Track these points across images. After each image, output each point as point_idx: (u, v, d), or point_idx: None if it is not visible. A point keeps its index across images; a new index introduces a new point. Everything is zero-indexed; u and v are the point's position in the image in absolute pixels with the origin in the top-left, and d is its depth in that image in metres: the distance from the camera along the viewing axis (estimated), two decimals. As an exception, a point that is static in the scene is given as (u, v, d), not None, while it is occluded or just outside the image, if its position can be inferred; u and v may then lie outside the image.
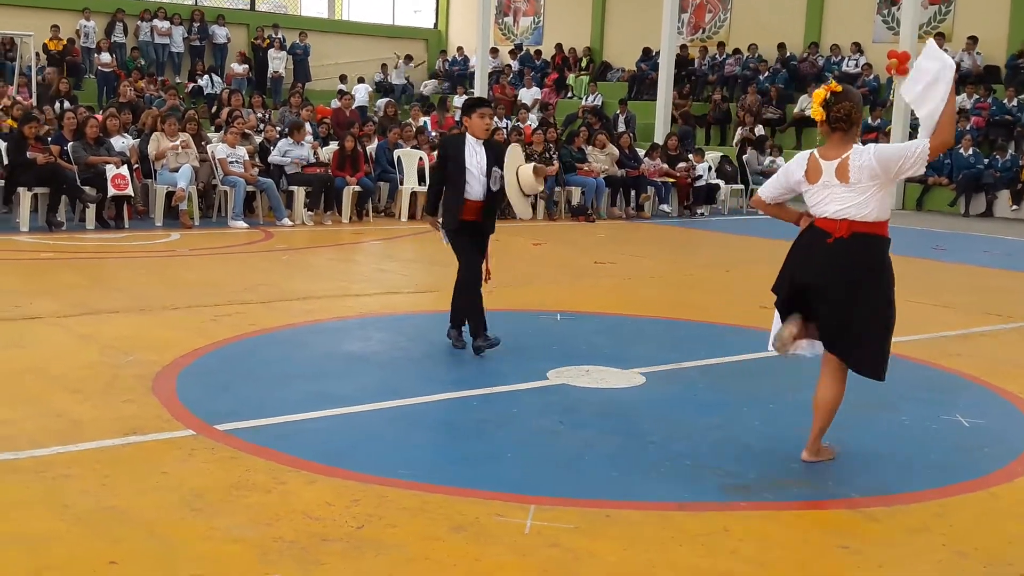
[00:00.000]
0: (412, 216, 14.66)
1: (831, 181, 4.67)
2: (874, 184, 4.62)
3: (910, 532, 4.05)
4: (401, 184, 14.88)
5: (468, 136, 6.59)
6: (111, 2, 23.90)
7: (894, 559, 3.78)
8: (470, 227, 6.62)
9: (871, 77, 21.62)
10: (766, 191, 5.04)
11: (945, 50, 21.40)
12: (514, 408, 5.54)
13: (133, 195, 12.80)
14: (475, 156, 6.54)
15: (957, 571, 3.69)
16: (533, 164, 6.77)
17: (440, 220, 6.76)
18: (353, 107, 20.25)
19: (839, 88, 4.62)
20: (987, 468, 4.84)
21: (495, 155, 6.61)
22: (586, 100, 23.85)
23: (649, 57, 24.55)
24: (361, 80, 24.48)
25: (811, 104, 4.79)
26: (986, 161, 18.44)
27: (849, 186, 4.63)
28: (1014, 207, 18.03)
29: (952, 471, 4.80)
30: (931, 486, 4.57)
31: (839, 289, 4.66)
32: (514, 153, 6.74)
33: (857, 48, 22.41)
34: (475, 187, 6.54)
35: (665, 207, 16.85)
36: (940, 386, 6.36)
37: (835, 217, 4.68)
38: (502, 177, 6.56)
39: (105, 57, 22.27)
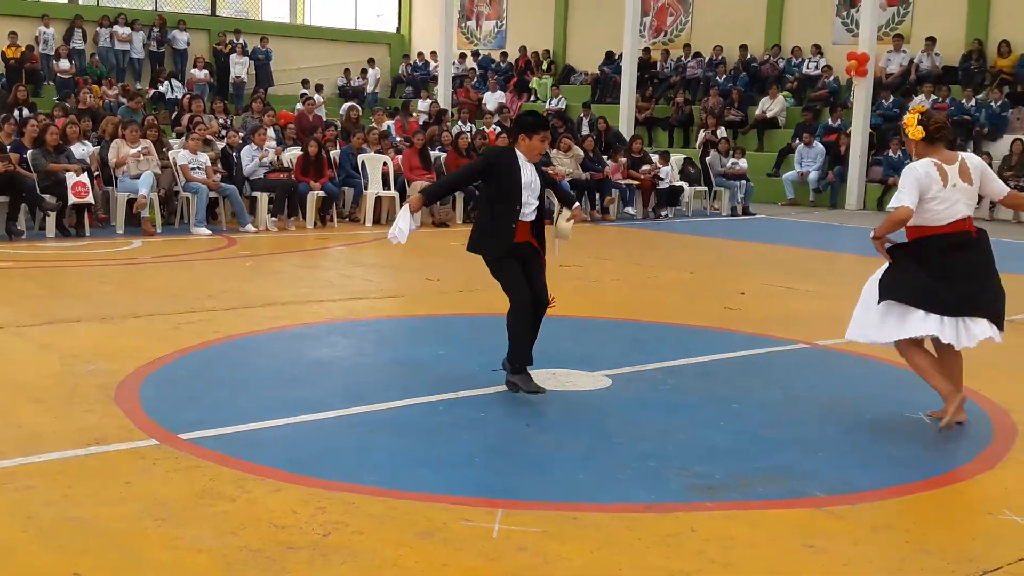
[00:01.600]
0: (377, 221, 14.62)
1: (958, 184, 5.30)
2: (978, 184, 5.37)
3: (874, 530, 4.09)
4: (365, 189, 14.83)
5: (519, 153, 5.92)
6: (70, 8, 23.67)
7: (858, 557, 3.81)
8: (520, 248, 5.99)
9: (831, 79, 21.81)
10: (911, 200, 5.27)
11: (903, 51, 21.50)
12: (481, 412, 5.53)
13: (94, 203, 12.69)
14: (530, 175, 5.95)
15: (920, 568, 3.72)
16: (569, 214, 6.29)
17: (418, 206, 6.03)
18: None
19: (924, 108, 5.47)
20: (950, 465, 4.90)
21: (543, 176, 6.11)
22: (549, 103, 23.90)
23: (612, 60, 24.64)
24: (319, 88, 24.32)
25: (906, 129, 5.45)
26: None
27: (972, 186, 5.33)
28: (973, 206, 18.23)
29: (916, 468, 4.84)
30: (895, 483, 4.61)
31: (987, 275, 5.40)
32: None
33: (817, 50, 22.61)
34: (529, 208, 5.97)
35: (630, 210, 16.92)
36: (902, 384, 6.41)
37: (964, 217, 5.32)
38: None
39: (64, 64, 22.05)
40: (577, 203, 6.44)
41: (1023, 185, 17.75)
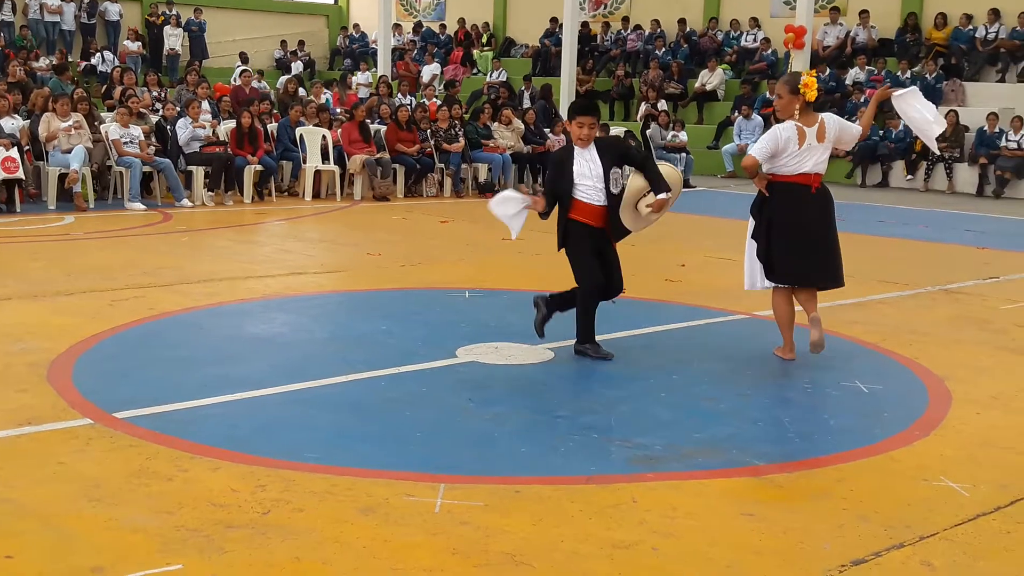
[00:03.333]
0: (317, 195, 14.47)
1: (813, 143, 6.08)
2: (831, 144, 6.18)
3: (812, 498, 4.14)
4: (304, 163, 14.66)
5: (575, 146, 6.08)
6: (-3, -21, 22.99)
7: (797, 524, 3.85)
8: (596, 233, 6.11)
9: (769, 52, 21.97)
10: (762, 154, 6.11)
11: (840, 24, 21.79)
12: (423, 387, 5.50)
13: (24, 178, 12.37)
14: (585, 163, 6.03)
15: (858, 534, 3.77)
16: (651, 199, 6.14)
17: (542, 208, 6.22)
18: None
19: (815, 76, 6.13)
20: (886, 433, 4.97)
21: (612, 156, 6.11)
22: (490, 76, 23.78)
23: (552, 33, 24.57)
24: (244, 58, 23.87)
25: (808, 90, 6.03)
26: (881, 133, 18.89)
27: (824, 145, 6.13)
28: (908, 177, 18.52)
29: (852, 436, 4.91)
30: (832, 452, 4.67)
31: (822, 227, 6.21)
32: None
33: (755, 23, 22.74)
34: (593, 194, 6.04)
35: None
36: (839, 353, 6.50)
37: (811, 171, 6.13)
38: (624, 178, 6.12)
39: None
40: (667, 193, 6.09)
41: (956, 156, 18.10)
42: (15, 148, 12.08)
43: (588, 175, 6.06)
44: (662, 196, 6.06)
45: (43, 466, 4.19)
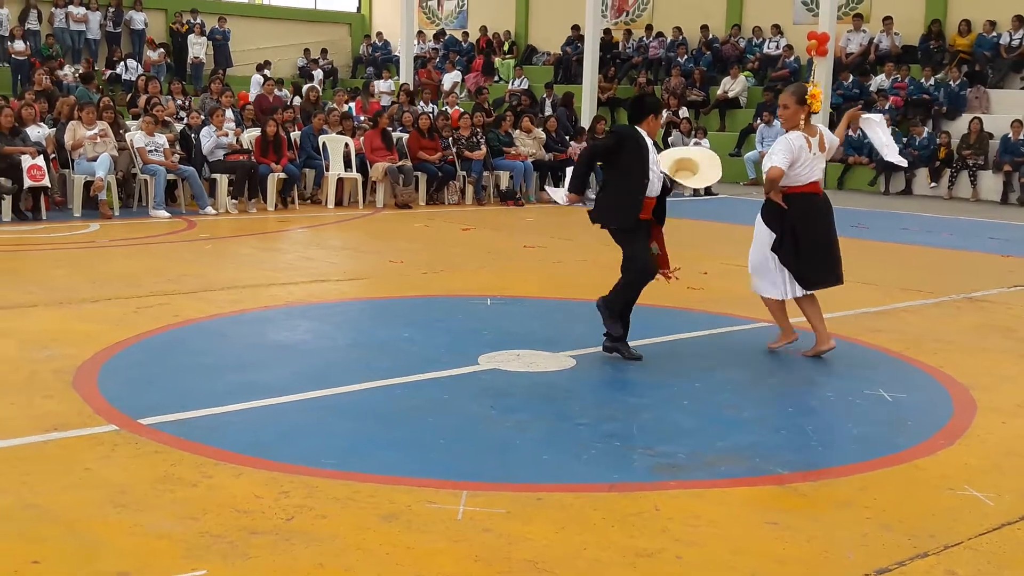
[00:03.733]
0: (339, 203, 14.53)
1: (817, 152, 6.36)
2: (829, 153, 6.53)
3: (836, 506, 4.12)
4: (327, 170, 14.72)
5: (643, 132, 6.24)
6: (24, -11, 23.24)
7: (821, 533, 3.83)
8: (643, 224, 6.37)
9: (791, 59, 21.92)
10: (785, 163, 6.23)
11: (863, 31, 21.78)
12: (445, 394, 5.51)
13: (50, 186, 12.49)
14: (654, 153, 6.29)
15: (882, 544, 3.76)
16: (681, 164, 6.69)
17: (590, 206, 6.52)
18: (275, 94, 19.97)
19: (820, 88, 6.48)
20: (910, 442, 4.94)
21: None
22: (512, 84, 23.82)
23: (573, 41, 24.58)
24: (267, 65, 23.98)
25: (815, 101, 6.33)
26: (904, 140, 18.81)
27: (824, 154, 6.43)
28: (932, 184, 18.43)
29: (876, 445, 4.88)
30: (856, 460, 4.65)
31: (833, 231, 6.49)
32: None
33: (778, 30, 22.69)
34: (655, 184, 6.30)
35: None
36: (863, 362, 6.47)
37: (816, 180, 6.39)
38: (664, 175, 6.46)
39: (19, 45, 21.67)
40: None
41: (981, 163, 17.99)
42: (41, 156, 12.20)
43: (655, 166, 6.31)
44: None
45: (69, 472, 4.22)
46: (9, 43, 21.85)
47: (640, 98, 6.66)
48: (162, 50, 23.72)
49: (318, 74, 25.50)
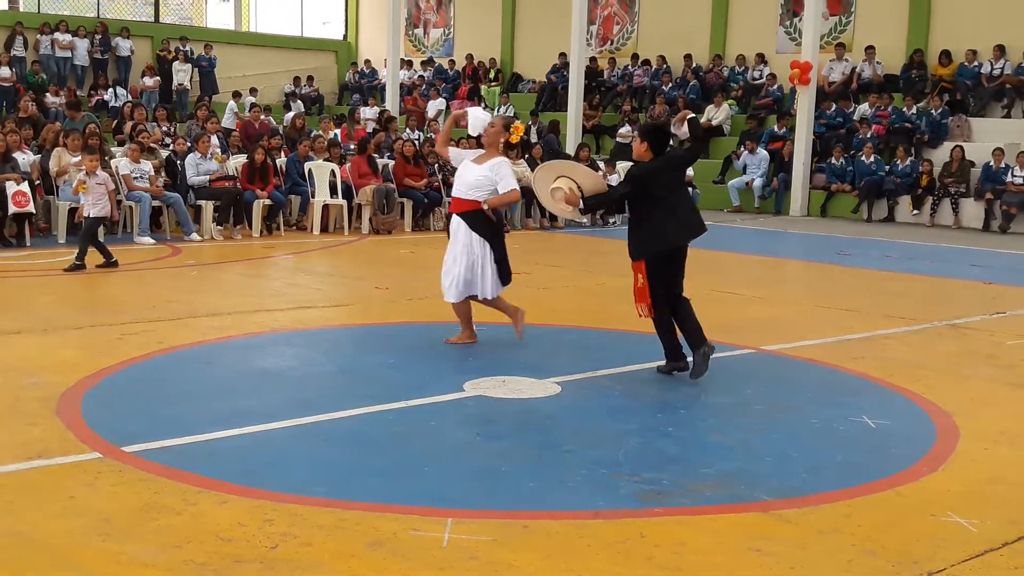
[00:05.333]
0: (324, 229, 14.54)
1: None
2: None
3: (821, 533, 4.13)
4: (313, 197, 14.74)
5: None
6: (10, 15, 23.26)
7: (806, 560, 3.85)
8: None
9: (775, 87, 22.09)
10: (517, 184, 7.29)
11: (846, 60, 21.82)
12: (431, 421, 5.51)
13: (35, 212, 12.46)
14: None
15: (867, 570, 3.77)
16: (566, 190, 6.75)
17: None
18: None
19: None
20: (893, 468, 4.97)
21: None
22: (498, 111, 23.93)
23: (558, 69, 24.73)
24: (253, 92, 24.04)
25: (516, 133, 7.22)
26: (887, 168, 18.96)
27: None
28: (915, 212, 18.56)
29: (860, 472, 4.90)
30: (840, 487, 4.67)
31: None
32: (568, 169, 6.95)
33: (761, 59, 22.88)
34: None
35: (584, 220, 16.89)
36: (846, 388, 6.50)
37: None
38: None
39: (4, 71, 21.67)
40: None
41: (962, 191, 18.13)
42: (26, 183, 12.18)
43: None
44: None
45: (53, 500, 4.21)
46: (-6, 70, 21.84)
47: (660, 127, 7.16)
48: (158, 77, 23.72)
49: (297, 105, 25.50)
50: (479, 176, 7.13)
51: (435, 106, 24.32)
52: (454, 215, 7.25)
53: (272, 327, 7.89)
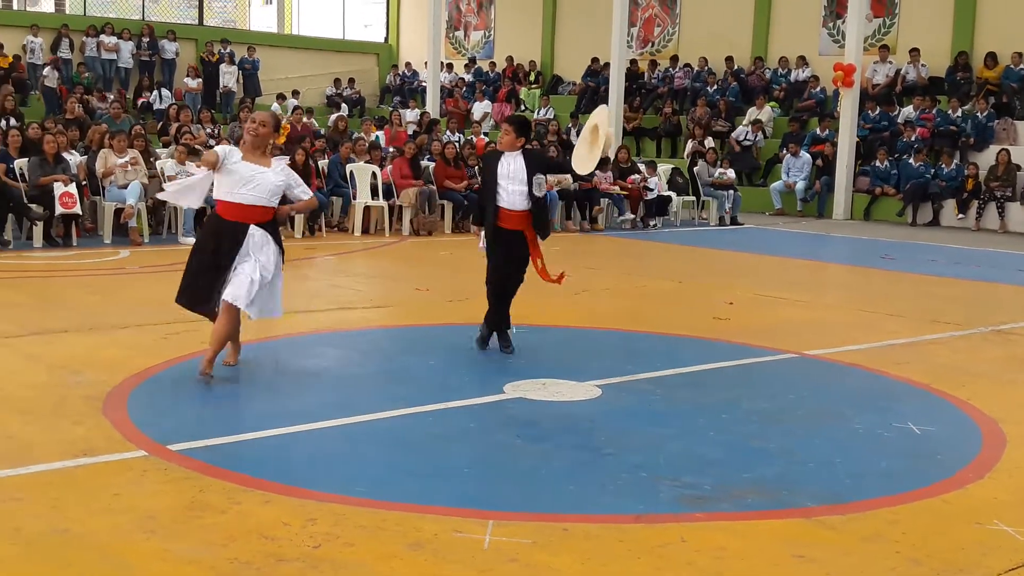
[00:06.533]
0: (366, 231, 14.61)
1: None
2: None
3: (864, 540, 4.09)
4: (354, 199, 14.82)
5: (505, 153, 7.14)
6: (57, 18, 23.58)
7: (849, 567, 3.81)
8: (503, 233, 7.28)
9: (818, 89, 21.91)
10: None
11: (890, 62, 21.63)
12: (471, 423, 5.53)
13: (81, 213, 12.63)
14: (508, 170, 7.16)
15: (911, 578, 3.73)
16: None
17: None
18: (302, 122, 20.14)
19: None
20: (938, 475, 4.91)
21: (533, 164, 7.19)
22: (538, 114, 23.93)
23: (595, 73, 24.68)
24: (295, 94, 24.25)
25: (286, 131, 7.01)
26: (932, 171, 18.74)
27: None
28: (960, 216, 18.33)
29: (904, 479, 4.86)
30: (884, 494, 4.62)
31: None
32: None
33: (803, 61, 22.70)
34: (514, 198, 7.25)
35: (628, 215, 16.84)
36: (891, 394, 6.44)
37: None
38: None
39: (51, 73, 21.97)
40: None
41: (1009, 195, 17.89)
42: (73, 184, 12.35)
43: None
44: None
45: (99, 498, 4.26)
46: (41, 72, 22.17)
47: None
48: (200, 80, 23.96)
49: (344, 108, 25.70)
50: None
51: (480, 108, 24.35)
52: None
53: (313, 328, 7.94)
